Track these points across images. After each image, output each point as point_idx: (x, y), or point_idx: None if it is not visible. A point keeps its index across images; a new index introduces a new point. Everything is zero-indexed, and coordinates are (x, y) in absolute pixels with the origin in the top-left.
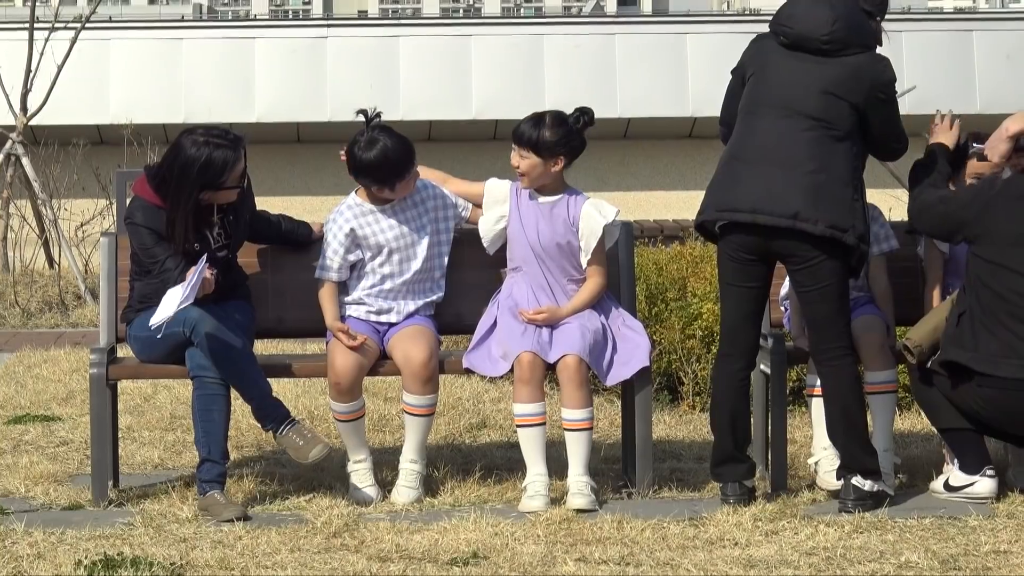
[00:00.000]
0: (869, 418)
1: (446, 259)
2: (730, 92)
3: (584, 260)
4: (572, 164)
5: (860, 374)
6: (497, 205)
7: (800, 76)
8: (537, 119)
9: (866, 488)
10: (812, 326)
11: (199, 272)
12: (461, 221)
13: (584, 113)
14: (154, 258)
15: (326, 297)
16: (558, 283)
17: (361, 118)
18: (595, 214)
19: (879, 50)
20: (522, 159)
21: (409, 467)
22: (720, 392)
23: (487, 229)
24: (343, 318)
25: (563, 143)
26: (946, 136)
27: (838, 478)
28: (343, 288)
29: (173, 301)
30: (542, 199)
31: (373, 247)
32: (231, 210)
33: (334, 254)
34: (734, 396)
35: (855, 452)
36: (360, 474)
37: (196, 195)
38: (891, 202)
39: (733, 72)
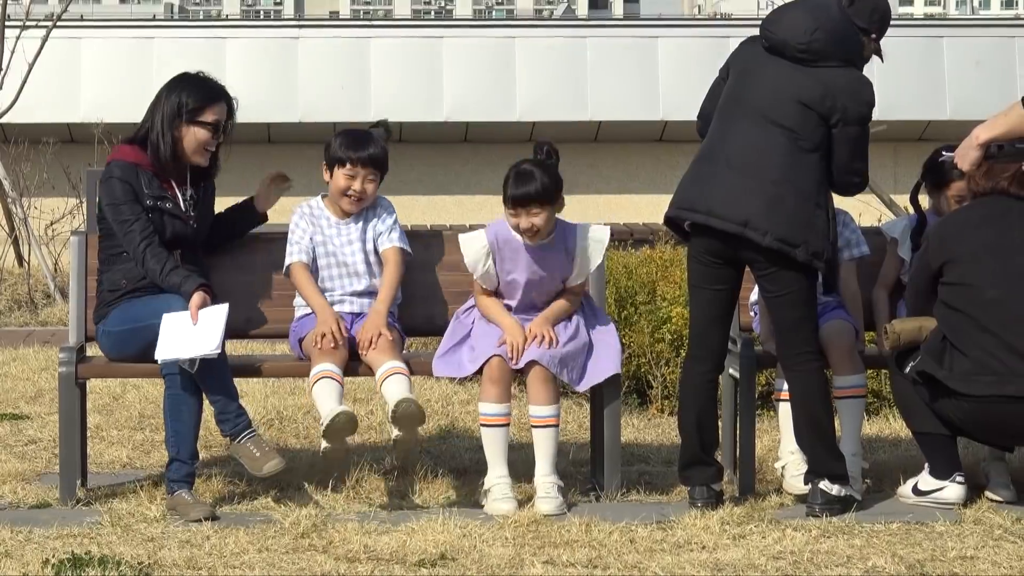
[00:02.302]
0: (837, 422)
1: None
2: (713, 87)
3: (570, 284)
4: None
5: (828, 378)
6: (484, 258)
7: (776, 83)
8: (525, 174)
9: (833, 492)
10: (779, 331)
11: (218, 318)
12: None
13: (544, 149)
14: (121, 216)
15: (304, 282)
16: (537, 304)
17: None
18: (596, 248)
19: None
20: (535, 216)
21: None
22: (688, 395)
23: (491, 284)
24: (300, 320)
25: (558, 183)
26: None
27: (805, 482)
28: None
29: (184, 343)
30: (536, 243)
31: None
32: (199, 182)
33: (303, 235)
34: (702, 399)
35: (822, 456)
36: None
37: (177, 120)
38: (860, 207)
39: (720, 69)
